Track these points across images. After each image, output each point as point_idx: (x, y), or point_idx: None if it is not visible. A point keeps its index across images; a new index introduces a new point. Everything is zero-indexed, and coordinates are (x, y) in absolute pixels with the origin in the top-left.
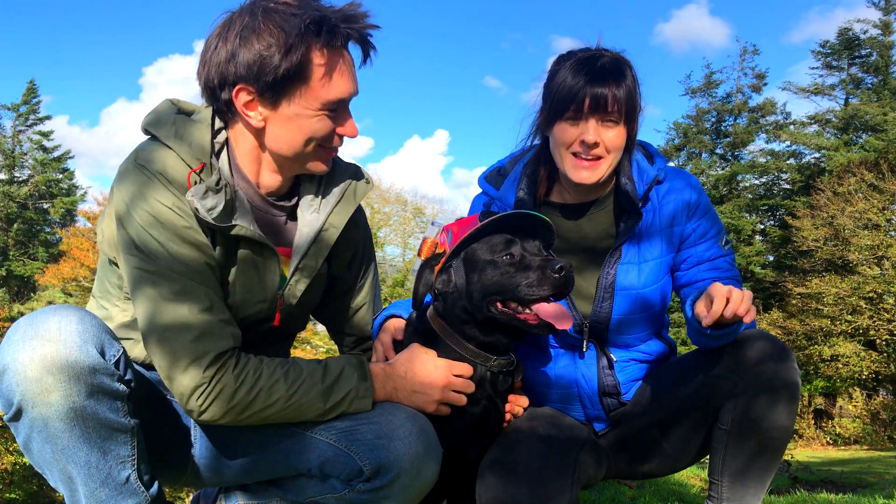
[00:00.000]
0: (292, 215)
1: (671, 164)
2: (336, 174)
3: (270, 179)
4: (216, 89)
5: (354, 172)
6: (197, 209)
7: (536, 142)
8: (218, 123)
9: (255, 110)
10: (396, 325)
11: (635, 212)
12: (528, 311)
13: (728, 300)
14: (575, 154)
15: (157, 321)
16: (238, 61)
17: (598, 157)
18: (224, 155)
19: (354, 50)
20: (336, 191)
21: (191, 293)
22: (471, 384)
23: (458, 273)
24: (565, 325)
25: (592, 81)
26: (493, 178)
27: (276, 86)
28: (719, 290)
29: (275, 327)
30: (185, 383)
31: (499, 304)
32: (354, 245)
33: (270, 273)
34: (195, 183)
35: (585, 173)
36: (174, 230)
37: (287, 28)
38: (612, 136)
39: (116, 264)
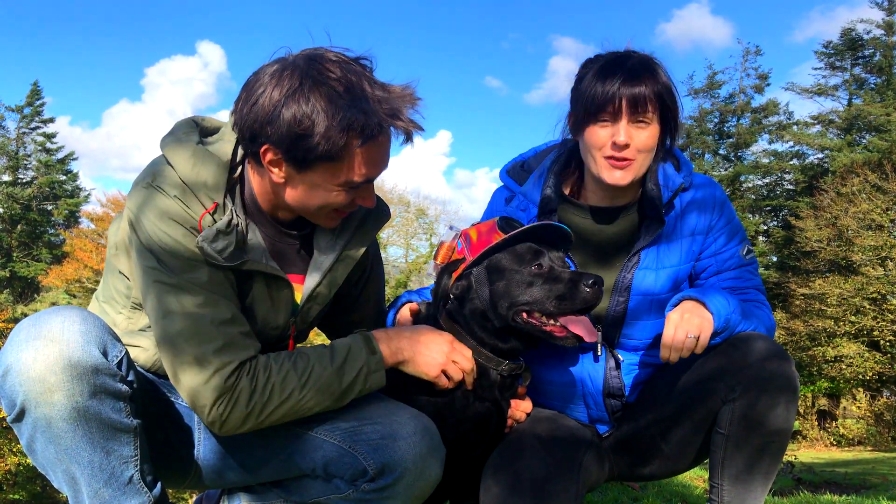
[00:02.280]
0: (305, 242)
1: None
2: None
3: (282, 214)
4: (247, 140)
5: (375, 203)
6: (208, 253)
7: (565, 137)
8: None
9: (279, 168)
10: (414, 310)
11: (658, 218)
12: (552, 322)
13: (674, 337)
14: (607, 156)
15: (178, 333)
16: (275, 126)
17: (630, 159)
18: (238, 187)
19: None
20: (354, 222)
21: (213, 305)
22: (468, 367)
23: (479, 280)
24: (593, 339)
25: (627, 81)
26: (516, 172)
27: (306, 161)
28: (665, 333)
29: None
30: (206, 394)
31: (524, 315)
32: (363, 265)
33: (284, 302)
34: (207, 225)
35: (619, 174)
36: (192, 253)
37: (331, 116)
38: (643, 136)
39: (123, 274)
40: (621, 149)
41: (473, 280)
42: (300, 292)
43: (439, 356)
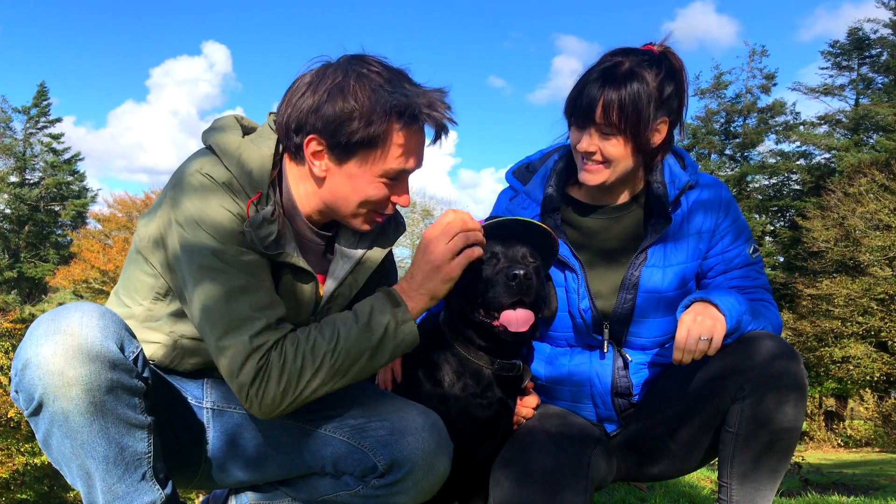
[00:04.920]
0: (329, 245)
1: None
2: None
3: (315, 216)
4: (291, 132)
5: (394, 215)
6: (252, 239)
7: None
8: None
9: (322, 160)
10: None
11: (665, 216)
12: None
13: (686, 339)
14: (580, 158)
15: (221, 313)
16: (319, 115)
17: (598, 164)
18: (276, 184)
19: (428, 130)
20: (376, 229)
21: (255, 290)
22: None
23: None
24: (521, 328)
25: (590, 89)
26: (521, 173)
27: (348, 147)
28: (677, 336)
29: None
30: (245, 375)
31: (482, 311)
32: (381, 272)
33: (307, 299)
34: (253, 212)
35: (586, 175)
36: (238, 238)
37: (373, 101)
38: (607, 146)
39: (151, 264)
40: (588, 155)
41: None
42: (322, 292)
43: (448, 253)
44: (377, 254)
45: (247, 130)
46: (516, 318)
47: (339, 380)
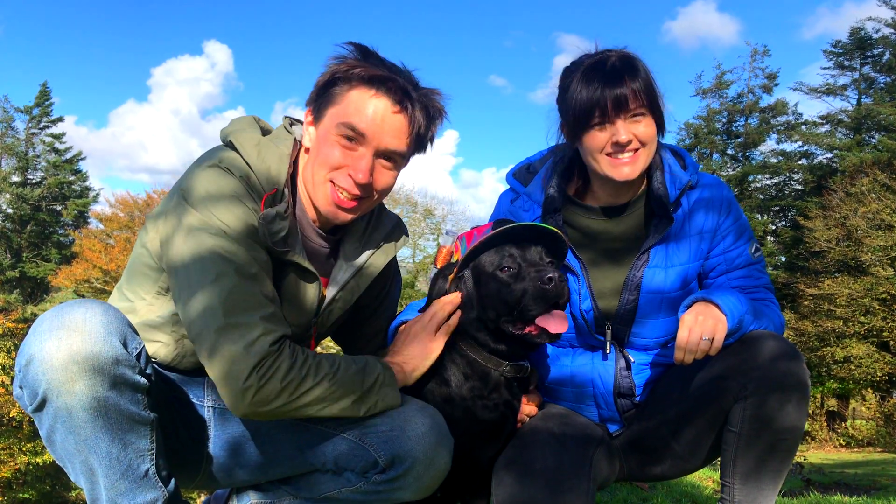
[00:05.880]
0: (334, 250)
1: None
2: (382, 221)
3: (317, 221)
4: (306, 110)
5: (397, 223)
6: (264, 233)
7: (558, 142)
8: (294, 152)
9: (311, 127)
10: None
11: (666, 216)
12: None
13: (688, 339)
14: (610, 154)
15: (228, 298)
16: (312, 90)
17: (636, 150)
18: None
19: (418, 120)
20: (379, 237)
21: (262, 281)
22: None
23: (468, 283)
24: (562, 329)
25: (609, 84)
26: (522, 174)
27: (319, 96)
28: (679, 335)
29: None
30: (248, 359)
31: (510, 321)
32: (385, 279)
33: (310, 301)
34: (268, 206)
35: (627, 169)
36: (251, 232)
37: (346, 65)
38: (641, 129)
39: (155, 259)
40: (624, 146)
41: (464, 283)
42: (324, 294)
43: (432, 356)
44: (379, 261)
45: (264, 132)
46: (554, 319)
47: (325, 406)
